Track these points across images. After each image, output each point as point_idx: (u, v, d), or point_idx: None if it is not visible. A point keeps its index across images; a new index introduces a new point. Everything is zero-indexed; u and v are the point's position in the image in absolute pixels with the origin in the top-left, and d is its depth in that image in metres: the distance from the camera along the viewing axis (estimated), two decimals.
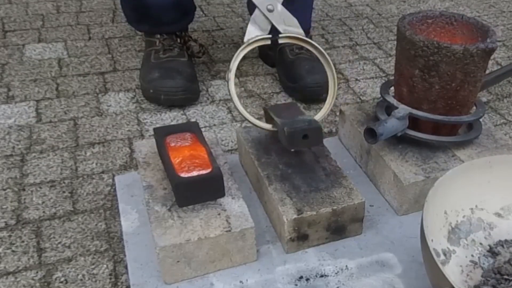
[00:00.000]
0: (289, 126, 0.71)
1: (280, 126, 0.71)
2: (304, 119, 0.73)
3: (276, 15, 0.75)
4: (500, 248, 0.67)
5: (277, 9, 0.75)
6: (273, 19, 0.75)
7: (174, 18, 1.13)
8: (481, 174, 0.68)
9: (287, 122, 0.72)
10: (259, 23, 0.75)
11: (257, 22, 0.75)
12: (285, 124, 0.72)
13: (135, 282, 0.66)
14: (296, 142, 0.71)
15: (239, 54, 0.76)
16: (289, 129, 0.70)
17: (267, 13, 0.74)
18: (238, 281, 0.67)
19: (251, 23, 0.75)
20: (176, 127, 0.78)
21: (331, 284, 0.67)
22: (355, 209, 0.71)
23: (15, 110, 1.05)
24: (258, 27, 0.75)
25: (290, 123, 0.72)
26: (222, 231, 0.65)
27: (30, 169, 0.89)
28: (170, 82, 1.04)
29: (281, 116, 0.75)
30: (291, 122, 0.72)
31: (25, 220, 0.78)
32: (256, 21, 0.75)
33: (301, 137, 0.71)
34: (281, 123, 0.72)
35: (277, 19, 0.75)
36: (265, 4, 0.74)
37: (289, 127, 0.70)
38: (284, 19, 0.75)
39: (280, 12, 0.75)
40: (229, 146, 0.97)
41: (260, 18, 0.75)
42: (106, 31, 1.40)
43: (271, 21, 0.75)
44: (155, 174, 0.75)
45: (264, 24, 0.75)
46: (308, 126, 0.71)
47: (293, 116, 0.75)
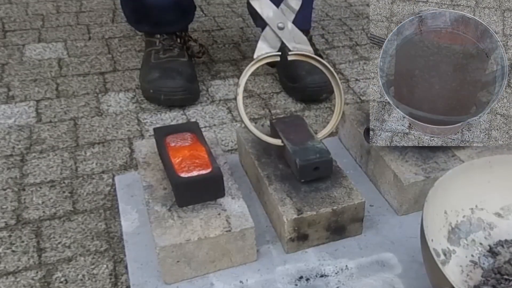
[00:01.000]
0: (301, 157, 0.71)
1: (292, 156, 0.72)
2: (315, 148, 0.73)
3: (286, 32, 0.76)
4: (500, 248, 0.67)
5: (287, 27, 0.76)
6: (284, 37, 0.76)
7: (174, 18, 1.13)
8: (481, 174, 0.68)
9: (298, 151, 0.72)
10: (269, 40, 0.77)
11: (268, 39, 0.77)
12: (296, 154, 0.72)
13: (135, 282, 0.66)
14: (307, 174, 0.72)
15: (248, 70, 0.76)
16: (301, 162, 0.71)
17: (277, 31, 0.76)
18: (238, 281, 0.67)
19: (262, 40, 0.77)
20: (176, 127, 0.78)
21: (331, 284, 0.67)
22: (355, 209, 0.71)
23: (15, 110, 1.05)
24: (268, 44, 0.77)
25: (301, 153, 0.72)
26: (222, 231, 0.65)
27: (30, 169, 0.89)
28: (170, 82, 1.04)
29: (290, 137, 0.75)
30: (302, 151, 0.73)
31: (25, 220, 0.78)
32: (266, 38, 0.77)
33: (312, 169, 0.72)
34: (292, 151, 0.73)
35: (287, 37, 0.76)
36: (276, 22, 0.76)
37: (301, 160, 0.71)
38: (294, 36, 0.77)
39: (290, 30, 0.77)
40: (229, 146, 0.97)
41: (270, 36, 0.77)
42: (106, 31, 1.40)
43: (281, 38, 0.77)
44: (155, 174, 0.75)
45: (274, 42, 0.77)
46: (320, 159, 0.72)
47: (303, 140, 0.75)
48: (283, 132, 0.77)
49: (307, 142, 0.75)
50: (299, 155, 0.72)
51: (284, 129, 0.78)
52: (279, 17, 0.76)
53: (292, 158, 0.72)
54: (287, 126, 0.78)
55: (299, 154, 0.72)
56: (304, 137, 0.76)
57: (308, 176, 0.72)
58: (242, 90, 0.75)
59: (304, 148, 0.73)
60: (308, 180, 0.73)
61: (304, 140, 0.75)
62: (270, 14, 0.76)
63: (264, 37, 0.77)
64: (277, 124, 0.79)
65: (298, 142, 0.75)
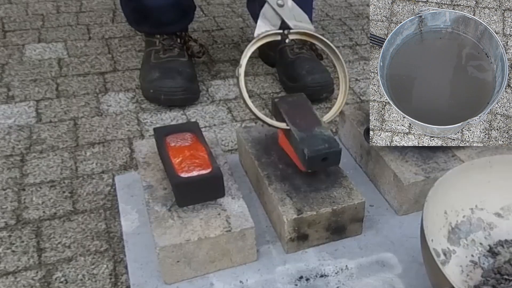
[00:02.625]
0: (310, 147, 0.68)
1: (299, 144, 0.69)
2: (323, 136, 0.70)
3: (286, 10, 0.73)
4: (500, 248, 0.67)
5: (287, 4, 0.73)
6: (284, 14, 0.73)
7: (174, 18, 1.13)
8: (481, 174, 0.68)
9: (306, 140, 0.69)
10: (269, 18, 0.73)
11: (267, 17, 0.73)
12: (304, 143, 0.69)
13: (135, 282, 0.66)
14: (315, 164, 0.70)
15: (249, 49, 0.73)
16: (310, 152, 0.68)
17: (277, 8, 0.73)
18: (238, 281, 0.67)
19: (261, 17, 0.73)
20: (176, 127, 0.78)
21: (331, 284, 0.67)
22: (355, 209, 0.71)
23: (15, 110, 1.05)
24: (268, 22, 0.73)
25: (309, 142, 0.69)
26: (222, 231, 0.65)
27: (30, 169, 0.89)
28: (170, 82, 1.04)
29: (295, 122, 0.72)
30: (310, 139, 0.69)
31: (25, 220, 0.78)
32: (266, 16, 0.73)
33: (320, 160, 0.69)
34: (300, 139, 0.69)
35: (287, 15, 0.73)
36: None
37: (310, 150, 0.68)
38: (294, 14, 0.73)
39: (291, 8, 0.73)
40: (229, 146, 0.97)
41: (270, 13, 0.73)
42: (106, 31, 1.40)
43: (281, 16, 0.73)
44: (155, 174, 0.75)
45: (274, 19, 0.73)
46: (329, 150, 0.69)
47: (309, 125, 0.71)
48: (287, 115, 0.73)
49: (314, 129, 0.71)
50: (307, 145, 0.69)
51: (288, 110, 0.74)
52: None
53: (300, 147, 0.69)
54: (291, 107, 0.75)
55: (307, 144, 0.69)
56: (311, 122, 0.72)
57: (315, 166, 0.70)
58: (243, 70, 0.72)
59: (312, 136, 0.70)
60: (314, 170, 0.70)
61: (311, 125, 0.72)
62: None
63: (263, 15, 0.73)
64: (280, 104, 0.75)
65: (305, 128, 0.71)
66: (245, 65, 0.73)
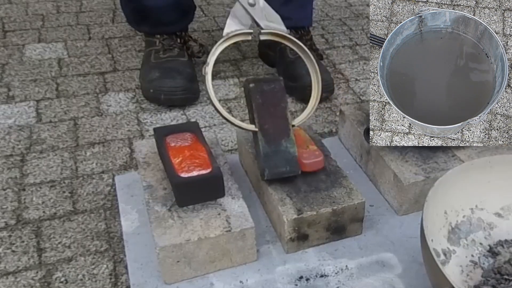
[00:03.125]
0: (270, 168, 0.70)
1: (262, 161, 0.70)
2: (287, 155, 0.71)
3: (258, 10, 0.71)
4: (500, 248, 0.67)
5: (259, 4, 0.71)
6: (255, 14, 0.71)
7: (174, 18, 1.13)
8: (481, 174, 0.68)
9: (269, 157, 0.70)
10: (239, 17, 0.71)
11: (237, 16, 0.71)
12: (266, 161, 0.70)
13: (135, 282, 0.66)
14: (272, 181, 0.73)
15: (217, 48, 0.71)
16: (269, 174, 0.70)
17: (248, 7, 0.70)
18: (238, 281, 0.67)
19: (231, 16, 0.71)
20: (176, 127, 0.78)
21: (331, 284, 0.67)
22: (355, 209, 0.71)
23: (15, 110, 1.05)
24: (238, 21, 0.71)
25: (271, 162, 0.70)
26: (222, 231, 0.65)
27: (30, 169, 0.89)
28: (170, 82, 1.04)
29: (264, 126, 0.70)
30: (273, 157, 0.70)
31: (25, 220, 0.78)
32: (236, 14, 0.71)
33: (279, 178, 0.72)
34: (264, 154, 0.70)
35: (258, 14, 0.71)
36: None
37: (270, 172, 0.70)
38: (266, 14, 0.71)
39: (262, 7, 0.71)
40: (229, 146, 0.97)
41: (240, 12, 0.71)
42: (106, 31, 1.40)
43: (252, 16, 0.71)
44: (155, 174, 0.75)
45: (244, 19, 0.71)
46: (288, 174, 0.71)
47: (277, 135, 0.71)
48: (258, 112, 0.71)
49: (281, 142, 0.71)
50: (268, 165, 0.70)
51: (261, 106, 0.71)
52: None
53: (262, 163, 0.71)
54: (264, 101, 0.71)
55: (268, 164, 0.70)
56: (280, 130, 0.71)
57: (273, 182, 0.73)
58: (211, 69, 0.70)
59: (276, 152, 0.71)
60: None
61: (279, 135, 0.71)
62: None
63: (233, 13, 0.71)
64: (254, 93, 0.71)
65: (272, 137, 0.70)
66: (212, 64, 0.71)
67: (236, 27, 0.71)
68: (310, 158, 0.73)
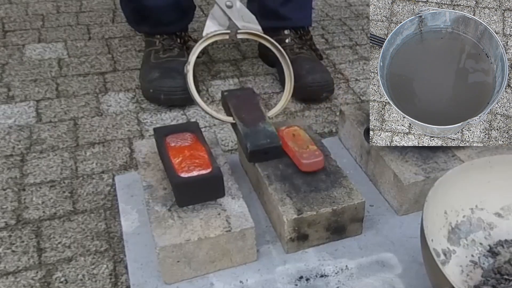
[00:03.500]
0: (252, 142, 0.73)
1: (243, 139, 0.73)
2: (266, 132, 0.74)
3: (234, 11, 0.76)
4: (500, 248, 0.67)
5: (235, 5, 0.76)
6: (232, 15, 0.76)
7: (173, 18, 1.13)
8: (481, 174, 0.68)
9: (250, 135, 0.73)
10: (217, 18, 0.77)
11: (216, 18, 0.77)
12: (247, 138, 0.73)
13: (135, 282, 0.66)
14: (257, 158, 0.75)
15: (197, 48, 0.77)
16: (251, 147, 0.72)
17: (225, 9, 0.76)
18: (238, 281, 0.67)
19: (210, 18, 0.77)
20: (176, 127, 0.78)
21: (331, 284, 0.67)
22: (355, 209, 0.71)
23: (15, 110, 1.05)
24: (216, 22, 0.77)
25: (252, 137, 0.73)
26: (222, 231, 0.65)
27: (30, 169, 0.89)
28: (170, 82, 1.04)
29: (241, 116, 0.76)
30: (253, 134, 0.73)
31: (25, 220, 0.78)
32: (214, 16, 0.77)
33: (262, 154, 0.74)
34: (244, 134, 0.73)
35: (235, 15, 0.77)
36: (224, 0, 0.76)
37: (252, 145, 0.72)
38: (242, 15, 0.77)
39: (239, 9, 0.77)
40: (229, 146, 0.97)
41: (218, 14, 0.77)
42: (106, 31, 1.40)
43: (229, 16, 0.77)
44: (155, 174, 0.75)
45: (222, 20, 0.77)
46: (269, 145, 0.73)
47: (254, 121, 0.75)
48: (234, 109, 0.77)
49: (259, 124, 0.75)
50: (250, 140, 0.73)
51: (236, 104, 0.78)
52: None
53: (243, 141, 0.73)
54: (239, 102, 0.78)
55: (250, 139, 0.73)
56: (256, 117, 0.76)
57: (257, 159, 0.75)
58: (192, 67, 0.76)
59: (256, 132, 0.74)
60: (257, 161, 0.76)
61: (256, 120, 0.76)
62: None
63: (212, 15, 0.77)
64: (229, 98, 0.79)
65: (250, 122, 0.75)
66: (193, 63, 0.76)
67: (214, 27, 0.77)
68: (310, 158, 0.73)
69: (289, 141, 0.77)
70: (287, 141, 0.77)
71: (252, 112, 0.77)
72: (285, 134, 0.78)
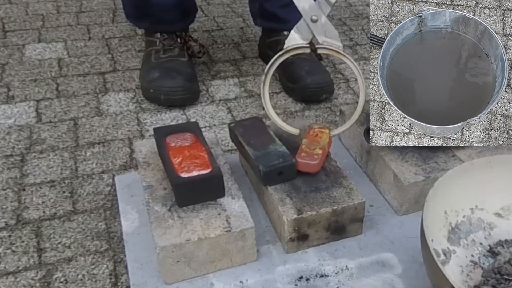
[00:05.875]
0: (264, 163, 0.71)
1: (255, 162, 0.72)
2: (277, 152, 0.73)
3: (319, 26, 0.77)
4: (500, 248, 0.67)
5: (320, 20, 0.77)
6: (315, 30, 0.77)
7: (175, 17, 1.13)
8: (481, 174, 0.68)
9: (261, 157, 0.72)
10: (302, 31, 0.78)
11: (300, 31, 0.78)
12: (259, 160, 0.72)
13: (135, 282, 0.66)
14: (271, 179, 0.72)
15: (277, 60, 0.78)
16: (264, 168, 0.71)
17: (310, 23, 0.77)
18: (238, 281, 0.67)
19: (295, 30, 0.78)
20: (176, 127, 0.78)
21: (331, 284, 0.67)
22: (355, 209, 0.71)
23: (15, 110, 1.05)
24: (300, 35, 0.78)
25: (264, 159, 0.72)
26: (222, 231, 0.65)
27: (30, 169, 0.89)
28: (170, 82, 1.04)
29: (250, 142, 0.75)
30: (264, 156, 0.72)
31: (25, 220, 0.78)
32: (299, 29, 0.78)
33: (276, 175, 0.72)
34: (254, 157, 0.72)
35: (319, 30, 0.77)
36: (310, 14, 0.77)
37: (265, 166, 0.71)
38: (325, 30, 0.77)
39: (323, 24, 0.77)
40: (229, 146, 0.97)
41: (303, 27, 0.77)
42: (106, 31, 1.40)
43: (312, 31, 0.77)
44: (155, 174, 0.75)
45: (306, 33, 0.78)
46: (283, 164, 0.72)
47: (264, 144, 0.74)
48: (243, 137, 0.76)
49: (269, 146, 0.74)
50: (261, 161, 0.71)
51: (244, 133, 0.77)
52: (314, 10, 0.76)
53: (255, 164, 0.71)
54: (246, 130, 0.78)
55: (261, 160, 0.72)
56: (265, 141, 0.75)
57: (272, 181, 0.73)
58: (269, 80, 0.78)
59: (266, 153, 0.73)
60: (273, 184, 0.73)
61: (266, 144, 0.75)
62: (305, 6, 0.76)
63: (297, 28, 0.78)
64: (236, 128, 0.79)
65: (260, 146, 0.74)
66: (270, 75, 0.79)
67: (297, 41, 0.78)
68: (305, 159, 0.73)
69: (306, 139, 0.77)
70: (306, 138, 0.77)
71: (261, 136, 0.76)
72: (311, 132, 0.78)
